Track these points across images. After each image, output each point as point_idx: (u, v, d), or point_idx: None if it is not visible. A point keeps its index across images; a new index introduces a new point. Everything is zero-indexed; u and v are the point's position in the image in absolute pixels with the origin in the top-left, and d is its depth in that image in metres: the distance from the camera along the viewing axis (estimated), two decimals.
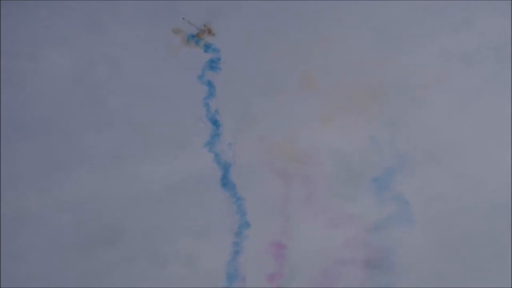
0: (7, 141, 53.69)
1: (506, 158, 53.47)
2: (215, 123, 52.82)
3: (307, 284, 51.93)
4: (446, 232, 52.87)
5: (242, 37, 54.10)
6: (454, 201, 53.16)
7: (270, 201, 52.56)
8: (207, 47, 53.16)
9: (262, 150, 53.17)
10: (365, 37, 54.65)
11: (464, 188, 53.25)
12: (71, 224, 53.11)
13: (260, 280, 52.06)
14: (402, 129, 53.35)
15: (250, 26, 54.50)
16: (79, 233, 53.17)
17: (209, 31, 52.85)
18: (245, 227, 52.03)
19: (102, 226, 53.20)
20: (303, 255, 52.00)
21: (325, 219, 52.23)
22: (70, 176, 53.78)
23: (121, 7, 55.34)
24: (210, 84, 53.12)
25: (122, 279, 52.09)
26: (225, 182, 52.44)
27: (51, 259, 52.61)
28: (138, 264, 52.63)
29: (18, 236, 52.86)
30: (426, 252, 52.33)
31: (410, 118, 53.57)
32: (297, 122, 53.70)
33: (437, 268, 52.30)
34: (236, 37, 53.97)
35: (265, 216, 52.58)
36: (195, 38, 53.02)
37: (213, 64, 53.09)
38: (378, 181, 52.62)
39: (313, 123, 53.55)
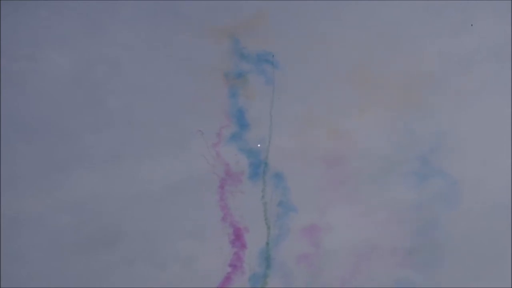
0: (6, 141, 53.69)
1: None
2: (241, 116, 53.27)
3: (342, 269, 52.61)
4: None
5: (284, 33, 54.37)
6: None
7: (308, 189, 52.95)
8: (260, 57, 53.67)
9: (299, 139, 53.74)
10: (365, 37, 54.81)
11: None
12: (70, 225, 53.12)
13: (291, 262, 52.54)
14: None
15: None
16: (78, 234, 53.19)
17: None
18: (291, 210, 52.56)
19: (102, 227, 53.23)
20: (340, 241, 52.64)
21: (364, 205, 53.00)
22: (69, 176, 53.76)
23: (121, 7, 55.26)
24: (241, 75, 53.40)
25: (121, 280, 52.18)
26: (256, 173, 52.84)
27: (50, 260, 52.64)
28: (137, 265, 52.68)
29: (17, 237, 52.85)
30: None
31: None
32: (336, 112, 54.04)
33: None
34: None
35: (303, 202, 52.95)
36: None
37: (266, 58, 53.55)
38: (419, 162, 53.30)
39: (352, 113, 54.04)
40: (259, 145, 53.10)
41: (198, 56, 54.37)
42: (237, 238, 52.62)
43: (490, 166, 54.08)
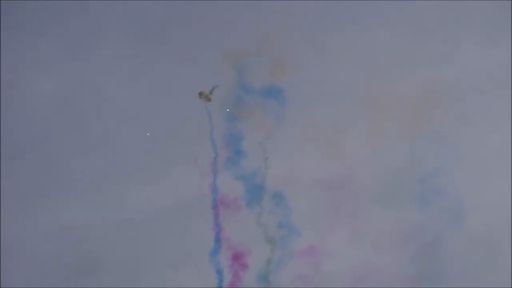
0: None
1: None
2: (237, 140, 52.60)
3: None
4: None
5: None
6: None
7: (308, 211, 52.51)
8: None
9: (299, 162, 53.03)
10: None
11: None
12: (52, 252, 52.36)
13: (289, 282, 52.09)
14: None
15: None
16: (60, 261, 52.36)
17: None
18: (294, 235, 52.08)
19: (84, 255, 52.47)
20: (339, 263, 52.13)
21: (364, 228, 52.52)
22: (51, 203, 53.06)
23: (105, 32, 54.99)
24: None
25: None
26: (254, 198, 52.26)
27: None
28: None
29: None
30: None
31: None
32: (339, 133, 53.41)
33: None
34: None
35: (306, 225, 52.44)
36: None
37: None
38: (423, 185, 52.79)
39: (358, 135, 53.50)
40: (267, 158, 52.26)
41: (184, 81, 53.95)
42: (236, 259, 51.99)
43: (493, 188, 53.54)
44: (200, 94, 52.08)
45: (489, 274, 51.90)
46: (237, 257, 51.96)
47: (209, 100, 52.18)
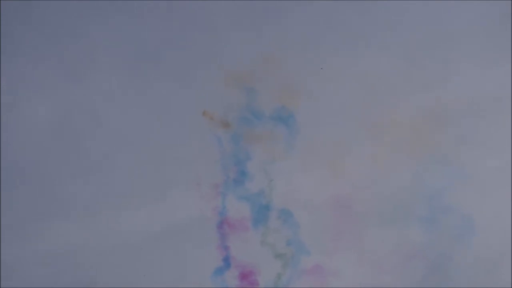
0: None
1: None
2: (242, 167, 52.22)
3: None
4: None
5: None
6: None
7: (318, 231, 51.98)
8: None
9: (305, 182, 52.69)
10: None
11: None
12: (47, 276, 51.65)
13: None
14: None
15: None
16: (56, 286, 51.66)
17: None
18: (303, 253, 51.67)
19: (79, 279, 51.80)
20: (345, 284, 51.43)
21: (372, 248, 52.06)
22: (46, 226, 52.63)
23: (102, 54, 54.93)
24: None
25: None
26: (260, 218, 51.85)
27: None
28: None
29: None
30: None
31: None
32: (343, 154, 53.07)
33: None
34: None
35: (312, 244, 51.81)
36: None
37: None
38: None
39: (361, 156, 53.03)
40: (272, 180, 51.75)
41: (182, 103, 53.84)
42: (245, 278, 51.58)
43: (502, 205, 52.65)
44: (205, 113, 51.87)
45: None
46: (246, 276, 51.43)
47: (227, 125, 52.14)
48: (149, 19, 54.70)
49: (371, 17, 54.55)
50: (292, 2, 54.56)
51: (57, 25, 54.70)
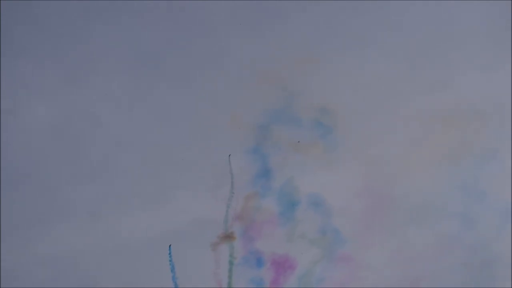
0: None
1: None
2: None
3: None
4: None
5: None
6: None
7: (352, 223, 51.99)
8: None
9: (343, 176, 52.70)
10: None
11: None
12: (48, 279, 51.15)
13: None
14: None
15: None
16: None
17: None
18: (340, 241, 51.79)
19: (80, 282, 51.35)
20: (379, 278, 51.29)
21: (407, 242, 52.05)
22: (48, 230, 52.15)
23: (102, 58, 54.41)
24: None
25: None
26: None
27: None
28: None
29: None
30: None
31: None
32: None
33: None
34: None
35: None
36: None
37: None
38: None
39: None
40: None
41: (182, 106, 53.64)
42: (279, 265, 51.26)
43: None
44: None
45: None
46: (280, 263, 51.49)
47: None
48: (151, 22, 54.60)
49: (371, 18, 54.98)
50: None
51: (57, 29, 54.38)
